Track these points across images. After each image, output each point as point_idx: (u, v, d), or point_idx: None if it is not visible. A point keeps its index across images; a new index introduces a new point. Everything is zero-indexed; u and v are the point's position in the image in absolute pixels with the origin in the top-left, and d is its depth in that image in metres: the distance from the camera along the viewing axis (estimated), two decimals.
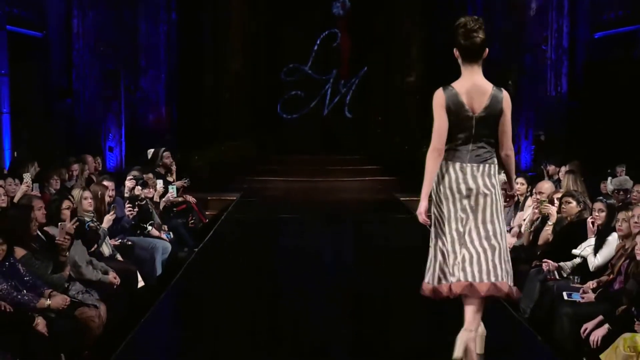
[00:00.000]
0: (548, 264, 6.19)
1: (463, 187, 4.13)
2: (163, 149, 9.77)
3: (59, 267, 5.51)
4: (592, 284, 5.75)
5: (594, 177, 9.07)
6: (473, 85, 4.14)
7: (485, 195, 4.13)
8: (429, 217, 4.19)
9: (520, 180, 7.91)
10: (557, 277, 6.11)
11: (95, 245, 6.61)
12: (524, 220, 7.41)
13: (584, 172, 8.59)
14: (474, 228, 4.11)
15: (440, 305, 5.23)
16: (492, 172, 4.18)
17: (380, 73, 16.11)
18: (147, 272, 7.22)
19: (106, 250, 6.88)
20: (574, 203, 6.59)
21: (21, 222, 5.47)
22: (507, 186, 4.58)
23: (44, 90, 12.14)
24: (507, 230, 7.84)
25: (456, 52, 4.19)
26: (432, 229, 4.23)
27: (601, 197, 6.40)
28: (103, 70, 12.61)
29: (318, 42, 16.42)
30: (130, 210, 7.54)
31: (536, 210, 7.06)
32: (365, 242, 8.91)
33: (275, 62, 16.40)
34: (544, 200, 6.94)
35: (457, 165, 4.15)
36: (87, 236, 6.39)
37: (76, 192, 6.77)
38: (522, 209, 7.80)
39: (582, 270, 6.06)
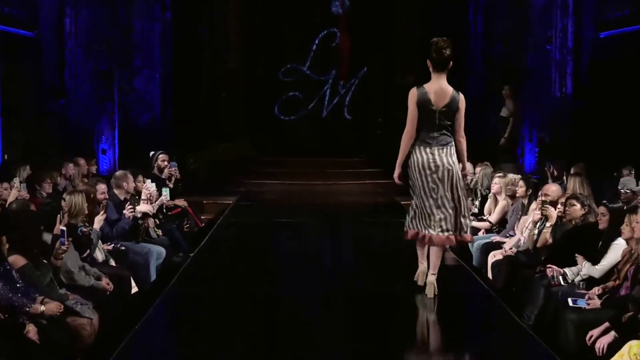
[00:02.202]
0: (552, 270, 6.19)
1: (432, 165, 5.77)
2: (159, 152, 9.77)
3: (55, 273, 5.52)
4: (597, 289, 5.75)
5: (600, 179, 9.08)
6: (439, 88, 5.78)
7: (449, 170, 5.78)
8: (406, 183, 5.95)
9: (521, 183, 8.03)
10: (562, 282, 6.11)
11: (88, 251, 6.60)
12: (528, 223, 7.42)
13: (589, 174, 8.60)
14: (443, 195, 5.76)
15: (440, 309, 5.26)
16: (452, 152, 5.81)
17: (380, 73, 16.14)
18: (141, 277, 7.21)
19: (99, 255, 6.86)
20: (578, 206, 6.61)
21: (30, 230, 5.45)
22: (461, 166, 5.98)
23: (36, 91, 12.13)
24: (511, 235, 7.92)
25: (429, 63, 5.83)
26: (411, 192, 5.94)
27: (605, 201, 6.40)
28: (96, 70, 12.59)
29: (317, 41, 16.43)
30: (131, 211, 7.57)
31: (538, 212, 7.09)
32: (365, 246, 8.90)
33: (273, 62, 16.41)
34: (545, 201, 6.98)
35: (427, 149, 5.79)
36: (79, 241, 6.37)
37: (68, 196, 6.75)
38: (526, 213, 7.81)
39: (588, 276, 6.07)
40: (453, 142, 5.84)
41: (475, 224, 8.81)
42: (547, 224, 6.92)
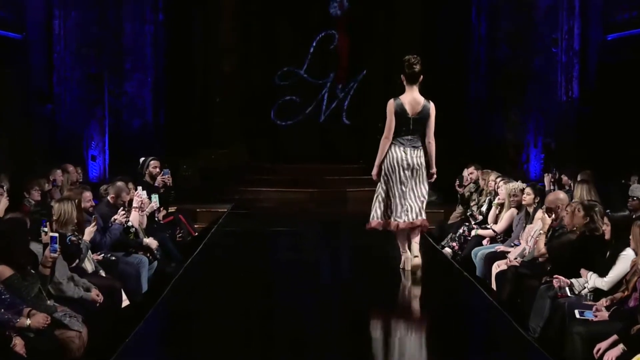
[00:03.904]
0: (559, 280, 6.20)
1: (405, 163, 7.03)
2: (150, 158, 9.78)
3: (44, 284, 5.52)
4: (605, 301, 5.76)
5: (608, 187, 9.09)
6: (412, 99, 7.06)
7: (418, 169, 7.05)
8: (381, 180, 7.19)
9: (528, 190, 8.08)
10: (569, 293, 6.11)
11: (77, 261, 6.60)
12: (534, 232, 7.44)
13: (597, 181, 8.62)
14: (411, 189, 7.04)
15: (443, 321, 5.27)
16: (421, 154, 7.08)
17: (380, 77, 16.13)
18: (132, 288, 7.22)
19: (89, 266, 6.86)
20: (582, 213, 6.58)
21: (17, 239, 5.44)
22: (431, 166, 7.15)
23: (23, 95, 12.14)
24: (516, 244, 7.94)
25: (402, 77, 7.10)
26: (381, 187, 7.17)
27: (608, 211, 6.40)
28: (86, 74, 12.61)
29: (314, 44, 16.41)
30: (124, 216, 7.61)
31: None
32: (364, 256, 8.92)
33: (269, 66, 16.40)
34: (549, 208, 7.04)
35: (402, 149, 7.05)
36: (68, 251, 6.37)
37: (57, 204, 6.75)
38: (531, 222, 7.82)
39: (595, 287, 6.07)
40: (422, 146, 7.09)
41: (480, 232, 8.84)
42: (541, 231, 6.99)
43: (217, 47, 15.63)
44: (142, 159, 9.83)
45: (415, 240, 7.14)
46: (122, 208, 7.80)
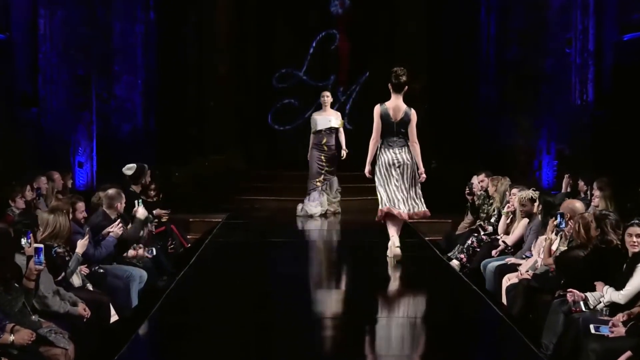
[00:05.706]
0: (573, 294, 6.20)
1: (395, 162, 8.46)
2: (146, 166, 9.80)
3: (28, 298, 5.52)
4: (622, 316, 5.75)
5: (625, 195, 9.09)
6: (396, 105, 8.53)
7: (407, 165, 8.47)
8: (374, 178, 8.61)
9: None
10: (583, 308, 6.11)
11: (63, 274, 6.60)
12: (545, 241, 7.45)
13: (613, 189, 8.61)
14: (402, 183, 8.47)
15: (451, 337, 5.27)
16: (408, 151, 8.50)
17: (383, 79, 16.12)
18: (121, 303, 7.23)
19: (76, 279, 6.86)
20: (594, 225, 6.57)
21: (4, 251, 5.44)
22: (418, 166, 8.51)
23: (7, 98, 12.14)
24: (527, 256, 7.94)
25: (389, 86, 8.58)
26: (378, 183, 8.51)
27: (637, 220, 6.38)
28: (73, 76, 12.62)
29: (314, 44, 16.47)
30: (120, 228, 7.65)
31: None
32: (366, 266, 8.92)
33: (266, 67, 16.44)
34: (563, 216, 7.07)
35: (391, 149, 8.49)
36: (53, 263, 6.37)
37: (52, 215, 6.74)
38: (543, 233, 7.82)
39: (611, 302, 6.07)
40: (408, 144, 8.50)
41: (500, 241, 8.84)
42: (546, 238, 7.04)
43: (212, 47, 15.67)
44: (132, 165, 9.80)
45: (399, 229, 8.52)
46: (118, 220, 7.80)
